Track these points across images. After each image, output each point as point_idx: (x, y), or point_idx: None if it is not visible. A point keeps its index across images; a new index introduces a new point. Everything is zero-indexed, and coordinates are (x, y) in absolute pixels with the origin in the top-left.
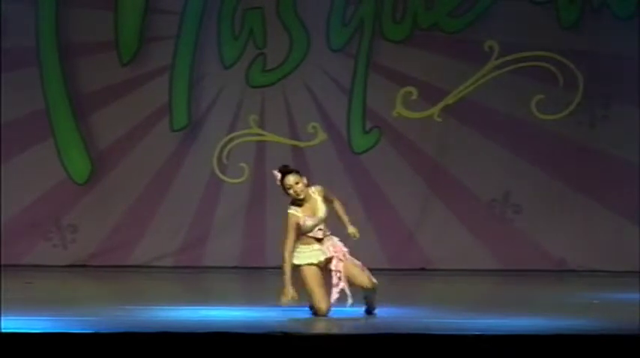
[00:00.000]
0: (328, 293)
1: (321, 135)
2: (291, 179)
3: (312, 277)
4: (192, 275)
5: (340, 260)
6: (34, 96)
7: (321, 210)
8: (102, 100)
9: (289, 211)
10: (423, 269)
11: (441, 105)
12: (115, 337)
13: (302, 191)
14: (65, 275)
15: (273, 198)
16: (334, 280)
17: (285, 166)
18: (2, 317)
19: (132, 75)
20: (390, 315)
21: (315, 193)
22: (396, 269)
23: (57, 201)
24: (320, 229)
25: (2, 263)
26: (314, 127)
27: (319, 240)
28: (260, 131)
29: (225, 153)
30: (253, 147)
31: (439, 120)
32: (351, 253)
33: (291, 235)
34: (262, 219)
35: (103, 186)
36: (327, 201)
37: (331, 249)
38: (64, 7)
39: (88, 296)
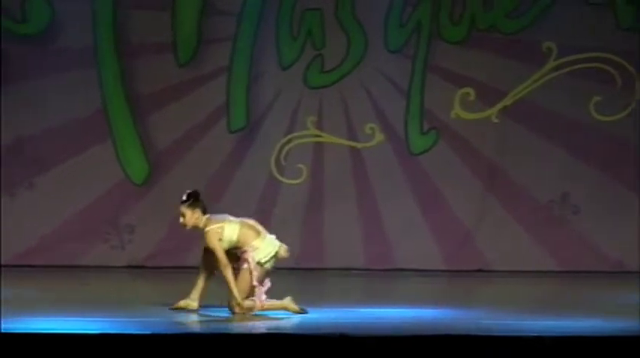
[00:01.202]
0: None
1: (379, 137)
2: (181, 209)
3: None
4: None
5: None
6: (93, 97)
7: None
8: (160, 101)
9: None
10: (479, 270)
11: (498, 106)
12: (171, 338)
13: (187, 226)
14: (122, 276)
15: (330, 199)
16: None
17: (194, 194)
18: (59, 318)
19: (190, 76)
20: (447, 317)
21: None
22: (452, 270)
23: (115, 201)
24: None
25: (60, 263)
26: (371, 128)
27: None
28: (318, 132)
29: (283, 154)
30: (311, 148)
31: (497, 121)
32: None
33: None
34: (320, 220)
35: (160, 186)
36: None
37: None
38: (122, 7)
39: (145, 298)
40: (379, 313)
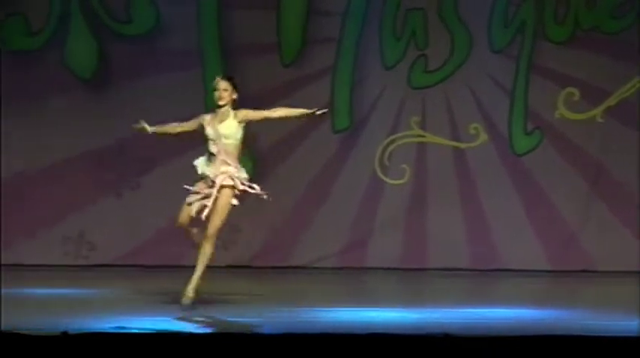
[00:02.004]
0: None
1: (483, 137)
2: (222, 84)
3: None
4: (354, 276)
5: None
6: (197, 97)
7: (226, 127)
8: (264, 101)
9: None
10: (584, 271)
11: (603, 106)
12: (276, 338)
13: (223, 100)
14: (226, 275)
15: (434, 199)
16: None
17: (231, 76)
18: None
19: (294, 76)
20: (551, 317)
21: (234, 115)
22: (557, 270)
23: None
24: (215, 144)
25: (165, 263)
26: (475, 128)
27: (214, 159)
28: (421, 132)
29: (386, 154)
30: (414, 148)
31: (601, 121)
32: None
33: (187, 123)
34: (423, 221)
35: (265, 186)
36: (252, 123)
37: (219, 178)
38: (226, 8)
39: (250, 297)
40: (482, 313)
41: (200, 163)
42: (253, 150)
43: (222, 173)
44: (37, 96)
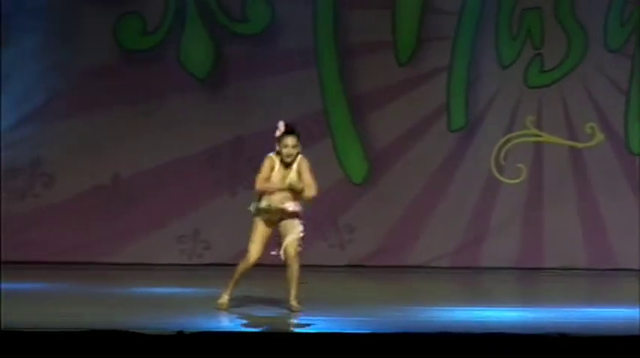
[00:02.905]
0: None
1: (599, 136)
2: (289, 141)
3: (258, 228)
4: (469, 276)
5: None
6: (312, 96)
7: (292, 176)
8: (379, 100)
9: (270, 154)
10: None
11: None
12: (391, 338)
13: (292, 157)
14: (342, 275)
15: (550, 198)
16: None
17: (291, 126)
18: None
19: (409, 75)
20: None
21: (298, 165)
22: None
23: (334, 201)
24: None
25: (279, 262)
26: (591, 128)
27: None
28: (537, 132)
29: (502, 153)
30: (530, 147)
31: None
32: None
33: (264, 171)
34: (540, 220)
35: (380, 186)
36: (299, 173)
37: (287, 205)
38: (342, 7)
39: (365, 297)
40: (599, 313)
41: (261, 204)
42: (368, 151)
43: (287, 201)
44: (152, 95)
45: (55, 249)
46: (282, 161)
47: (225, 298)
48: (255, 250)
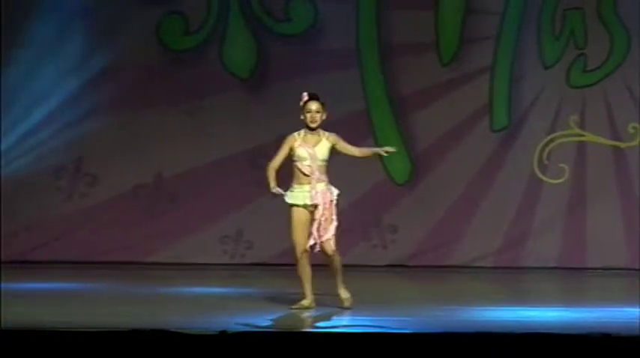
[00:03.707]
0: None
1: None
2: (313, 105)
3: (297, 218)
4: (512, 276)
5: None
6: (354, 97)
7: (321, 151)
8: (422, 100)
9: (293, 134)
10: None
11: None
12: (433, 337)
13: (316, 122)
14: (384, 275)
15: (593, 198)
16: (313, 229)
17: (315, 94)
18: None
19: (452, 75)
20: None
21: (326, 137)
22: None
23: (377, 201)
24: (309, 166)
25: (317, 263)
26: (634, 128)
27: (308, 180)
28: (580, 132)
29: (545, 153)
30: (573, 147)
31: None
32: None
33: (281, 152)
34: (583, 220)
35: (422, 186)
36: (335, 150)
37: (319, 196)
38: (384, 8)
39: (407, 297)
40: None
41: (292, 195)
42: (411, 151)
43: (322, 190)
44: (194, 95)
45: (97, 249)
46: (307, 134)
47: (307, 300)
48: (299, 239)
